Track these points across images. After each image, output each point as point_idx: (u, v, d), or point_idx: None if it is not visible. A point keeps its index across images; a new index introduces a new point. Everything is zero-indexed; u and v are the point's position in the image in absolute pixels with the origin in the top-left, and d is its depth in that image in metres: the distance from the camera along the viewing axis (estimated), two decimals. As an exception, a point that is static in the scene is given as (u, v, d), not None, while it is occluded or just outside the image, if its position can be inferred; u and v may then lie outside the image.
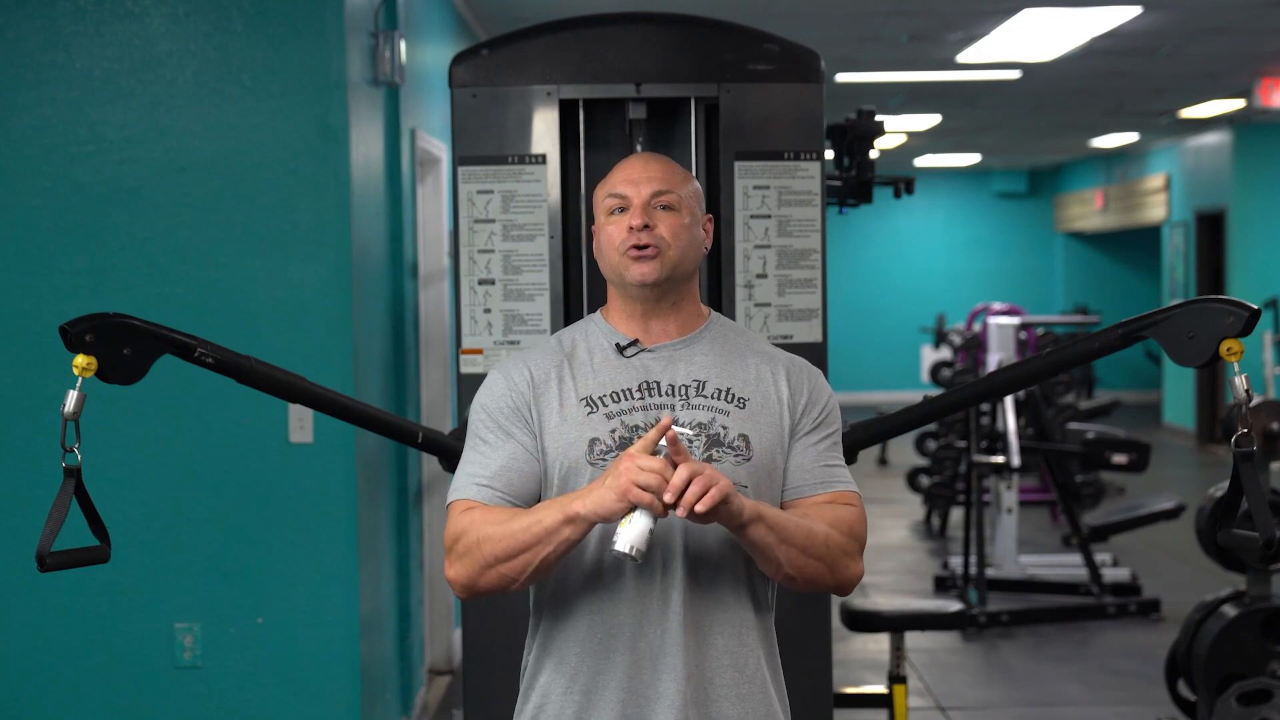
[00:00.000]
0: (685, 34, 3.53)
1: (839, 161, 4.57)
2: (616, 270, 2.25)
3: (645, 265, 2.22)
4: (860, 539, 2.22)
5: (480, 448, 2.23)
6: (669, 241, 2.23)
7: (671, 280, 2.25)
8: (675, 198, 2.26)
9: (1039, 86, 10.67)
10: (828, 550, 2.16)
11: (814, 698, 3.46)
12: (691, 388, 2.24)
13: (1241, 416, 2.40)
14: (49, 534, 2.32)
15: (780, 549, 2.12)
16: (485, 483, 2.19)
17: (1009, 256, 19.56)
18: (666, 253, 2.23)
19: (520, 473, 2.20)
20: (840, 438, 2.32)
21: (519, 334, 3.51)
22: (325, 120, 4.52)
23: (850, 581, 2.22)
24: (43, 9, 4.49)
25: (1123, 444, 7.94)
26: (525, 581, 2.12)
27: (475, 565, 2.13)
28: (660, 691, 2.16)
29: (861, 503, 2.27)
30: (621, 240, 2.23)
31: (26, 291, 4.52)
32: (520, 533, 2.08)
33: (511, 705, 2.32)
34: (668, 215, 2.24)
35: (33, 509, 3.96)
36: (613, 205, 2.26)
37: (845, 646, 6.71)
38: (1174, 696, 5.01)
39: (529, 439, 2.21)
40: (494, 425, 2.23)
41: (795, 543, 2.12)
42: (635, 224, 2.22)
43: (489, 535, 2.11)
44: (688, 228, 2.26)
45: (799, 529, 2.13)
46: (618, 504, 2.01)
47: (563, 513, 2.05)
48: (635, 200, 2.24)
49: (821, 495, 2.23)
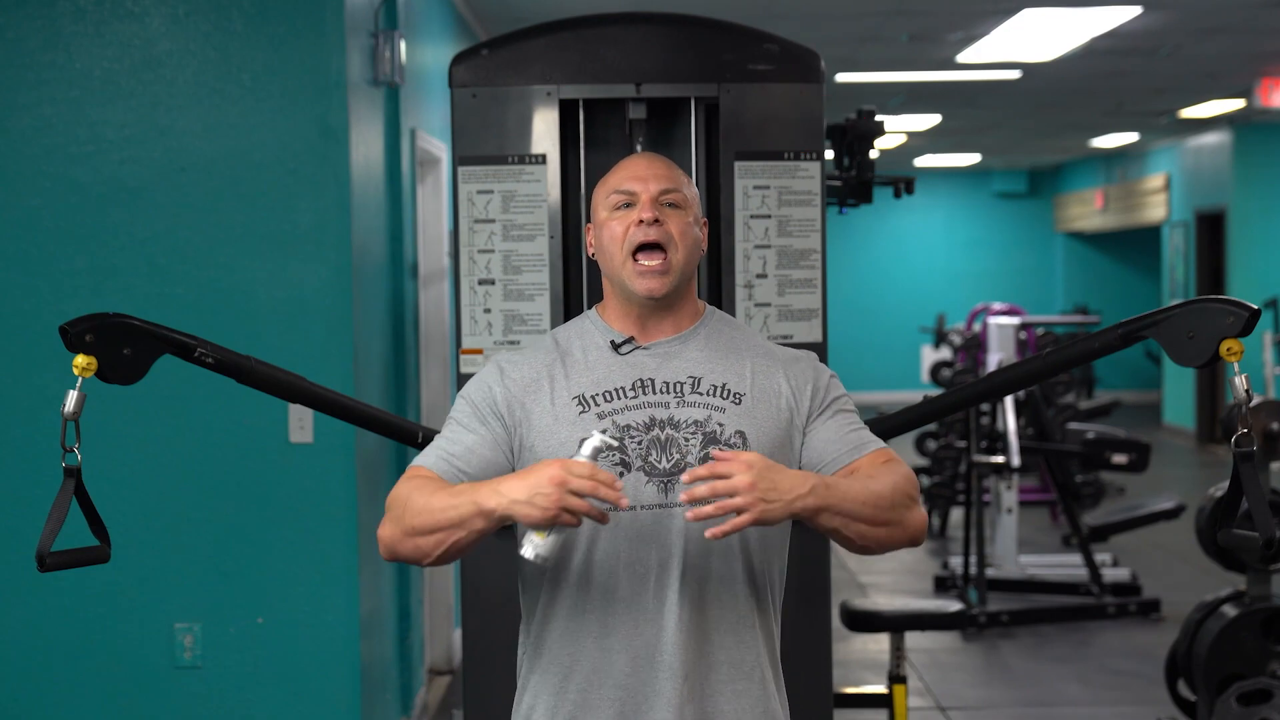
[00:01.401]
0: (685, 34, 3.53)
1: (839, 161, 4.57)
2: (619, 274, 2.24)
3: (653, 281, 2.21)
4: (915, 486, 2.19)
5: (453, 428, 2.24)
6: (677, 241, 2.22)
7: (675, 289, 2.25)
8: (682, 196, 2.26)
9: (1039, 86, 10.67)
10: (894, 509, 2.14)
11: (814, 698, 3.46)
12: (686, 384, 2.23)
13: (1241, 416, 2.40)
14: (49, 534, 2.32)
15: (851, 528, 2.10)
16: (445, 457, 2.19)
17: (1009, 256, 19.57)
18: (674, 258, 2.22)
19: (483, 459, 2.19)
20: (852, 404, 2.32)
21: (519, 334, 3.51)
22: (325, 120, 4.53)
23: (919, 531, 2.19)
24: (43, 9, 4.49)
25: (1123, 444, 7.94)
26: (438, 559, 2.10)
27: (398, 530, 2.12)
28: (657, 689, 2.16)
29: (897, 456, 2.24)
30: (628, 237, 2.22)
31: (26, 291, 4.52)
32: (438, 512, 2.07)
33: (511, 705, 2.32)
34: (675, 214, 2.24)
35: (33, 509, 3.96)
36: (618, 201, 2.25)
37: (845, 646, 6.71)
38: (1174, 696, 5.02)
39: (503, 434, 2.21)
40: (473, 413, 2.23)
41: (866, 517, 2.10)
42: (646, 217, 2.21)
43: (414, 505, 2.10)
44: (692, 227, 2.26)
45: (864, 503, 2.10)
46: (540, 517, 1.98)
47: (477, 506, 2.03)
48: (643, 196, 2.23)
49: (861, 459, 2.22)
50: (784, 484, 2.02)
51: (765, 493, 1.99)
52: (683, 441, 2.19)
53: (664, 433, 2.19)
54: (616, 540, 2.16)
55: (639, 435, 2.19)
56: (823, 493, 2.05)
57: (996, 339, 9.08)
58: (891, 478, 2.16)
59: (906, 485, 2.17)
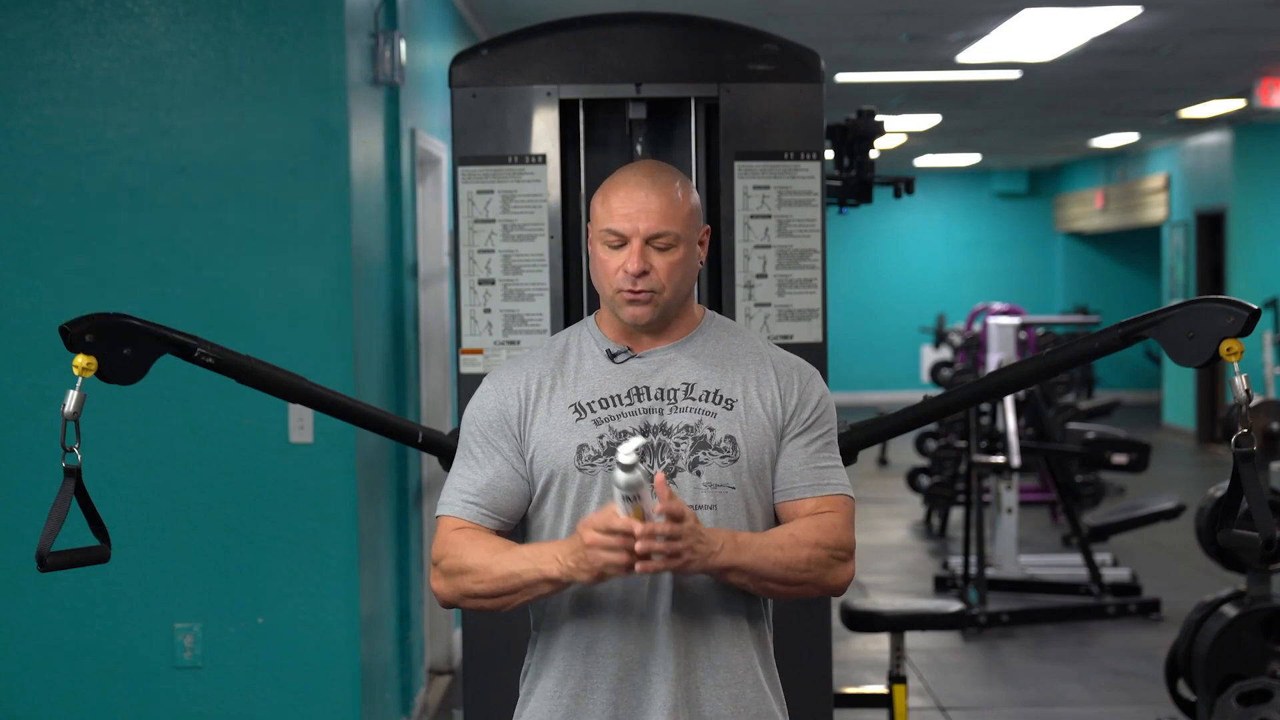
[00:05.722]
0: (685, 34, 3.53)
1: (839, 161, 4.57)
2: (611, 301, 2.26)
3: (639, 309, 2.23)
4: (847, 546, 2.23)
5: (469, 461, 2.27)
6: (664, 284, 2.22)
7: (664, 317, 2.26)
8: (672, 236, 2.22)
9: (1039, 86, 10.67)
10: (809, 571, 2.19)
11: (814, 698, 3.46)
12: (679, 391, 2.24)
13: (1241, 416, 2.40)
14: (49, 534, 2.32)
15: (757, 585, 2.17)
16: (472, 499, 2.23)
17: (1009, 256, 19.56)
18: (660, 295, 2.22)
19: (506, 491, 2.24)
20: (835, 437, 2.32)
21: (519, 334, 3.51)
22: (325, 120, 4.53)
23: (839, 588, 2.25)
24: (43, 9, 4.49)
25: (1123, 444, 7.94)
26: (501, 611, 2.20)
27: (456, 591, 2.20)
28: (651, 693, 2.18)
29: (851, 505, 2.27)
30: (618, 279, 2.22)
31: (26, 291, 4.52)
32: (499, 581, 2.15)
33: (511, 705, 2.33)
34: (664, 256, 2.22)
35: (33, 509, 3.96)
36: (609, 240, 2.23)
37: (845, 646, 6.71)
38: (1174, 696, 5.02)
39: (514, 455, 2.24)
40: (482, 439, 2.26)
41: (775, 577, 2.17)
42: (632, 269, 2.20)
43: (471, 569, 2.17)
44: (684, 261, 2.24)
45: (776, 564, 2.16)
46: (589, 577, 2.08)
47: (541, 574, 2.12)
48: (633, 240, 2.21)
49: (810, 500, 2.24)
50: (705, 539, 2.10)
51: (694, 544, 2.07)
52: (674, 447, 2.21)
53: (656, 439, 2.21)
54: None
55: None
56: (731, 550, 2.12)
57: (996, 339, 9.08)
58: (818, 535, 2.19)
59: (833, 547, 2.21)
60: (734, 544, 2.12)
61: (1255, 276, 13.57)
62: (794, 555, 2.17)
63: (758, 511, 2.24)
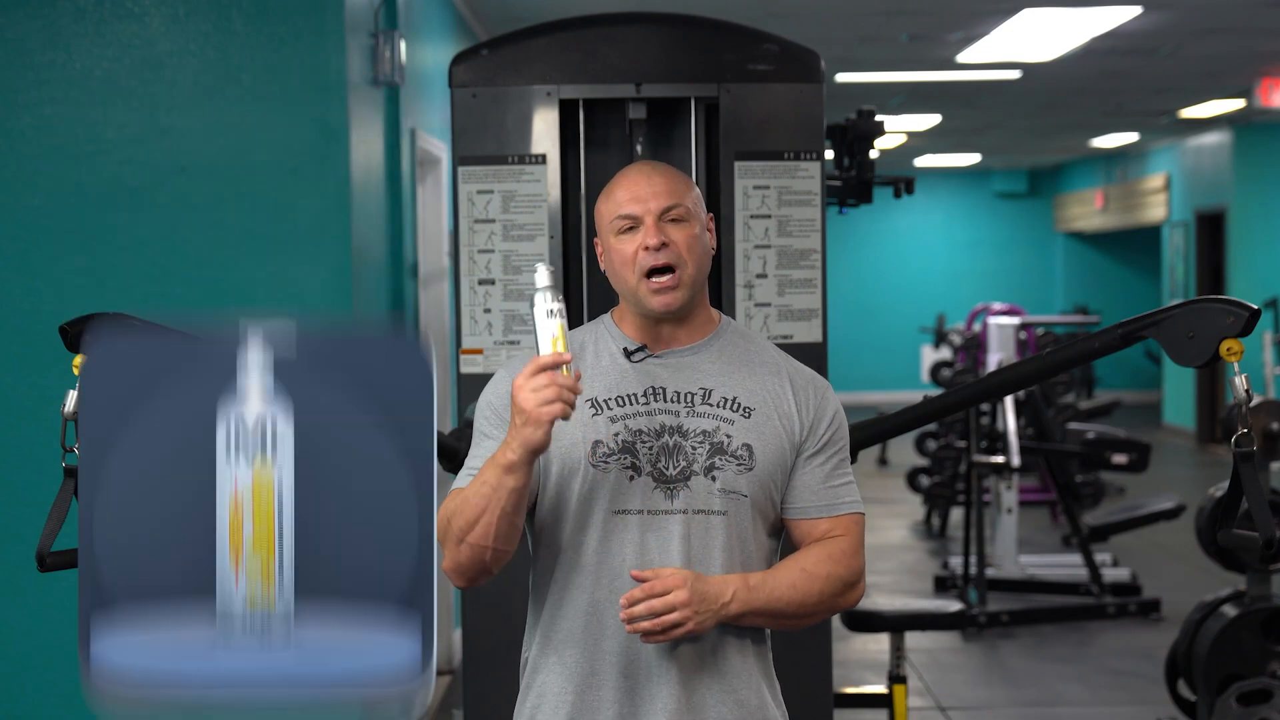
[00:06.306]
0: (685, 34, 3.53)
1: (839, 161, 4.57)
2: (634, 293, 2.24)
3: (667, 296, 2.22)
4: (858, 570, 2.26)
5: (482, 441, 2.27)
6: (685, 258, 2.22)
7: (690, 302, 2.26)
8: (684, 209, 2.24)
9: (1039, 86, 10.67)
10: (822, 601, 2.22)
11: (814, 698, 3.46)
12: (697, 395, 2.24)
13: (1241, 416, 2.40)
14: (49, 534, 2.32)
15: (774, 624, 2.22)
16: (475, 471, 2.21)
17: (1009, 256, 19.56)
18: (684, 272, 2.22)
19: None
20: (848, 452, 2.33)
21: (519, 334, 3.51)
22: (325, 120, 4.52)
23: (852, 605, 2.29)
24: (43, 9, 4.50)
25: (1123, 444, 7.94)
26: (495, 547, 2.12)
27: (452, 545, 2.16)
28: (652, 694, 2.19)
29: (862, 522, 2.29)
30: (639, 261, 2.21)
31: (26, 291, 4.52)
32: (473, 498, 2.12)
33: (511, 705, 2.33)
34: (680, 229, 2.23)
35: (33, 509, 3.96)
36: (622, 225, 2.24)
37: (845, 646, 6.71)
38: (1174, 696, 5.01)
39: None
40: (494, 417, 2.26)
41: (790, 614, 2.20)
42: (652, 243, 2.20)
43: (452, 512, 2.15)
44: (699, 238, 2.25)
45: (790, 603, 2.19)
46: (539, 432, 2.05)
47: (500, 465, 2.09)
48: (646, 219, 2.22)
49: (823, 522, 2.26)
50: (711, 593, 2.12)
51: (698, 606, 2.10)
52: (690, 450, 2.21)
53: (672, 440, 2.21)
54: (624, 543, 2.19)
55: (649, 441, 2.21)
56: (744, 597, 2.15)
57: (996, 339, 9.08)
58: (829, 568, 2.22)
59: (846, 574, 2.23)
60: (746, 589, 2.15)
61: (1255, 276, 13.58)
62: (807, 590, 2.20)
63: (764, 521, 2.25)
